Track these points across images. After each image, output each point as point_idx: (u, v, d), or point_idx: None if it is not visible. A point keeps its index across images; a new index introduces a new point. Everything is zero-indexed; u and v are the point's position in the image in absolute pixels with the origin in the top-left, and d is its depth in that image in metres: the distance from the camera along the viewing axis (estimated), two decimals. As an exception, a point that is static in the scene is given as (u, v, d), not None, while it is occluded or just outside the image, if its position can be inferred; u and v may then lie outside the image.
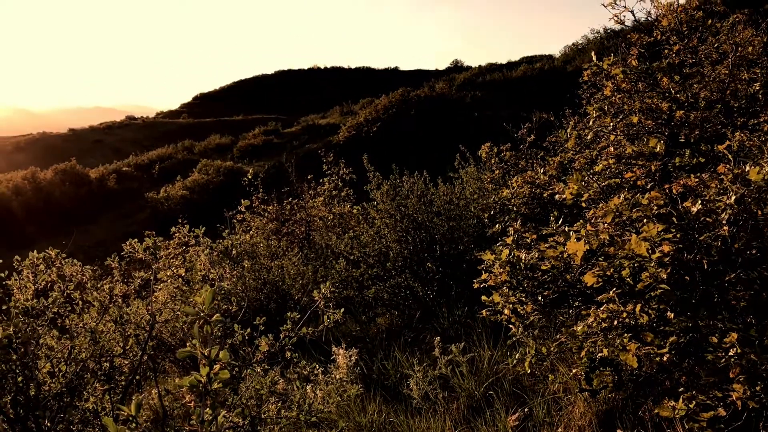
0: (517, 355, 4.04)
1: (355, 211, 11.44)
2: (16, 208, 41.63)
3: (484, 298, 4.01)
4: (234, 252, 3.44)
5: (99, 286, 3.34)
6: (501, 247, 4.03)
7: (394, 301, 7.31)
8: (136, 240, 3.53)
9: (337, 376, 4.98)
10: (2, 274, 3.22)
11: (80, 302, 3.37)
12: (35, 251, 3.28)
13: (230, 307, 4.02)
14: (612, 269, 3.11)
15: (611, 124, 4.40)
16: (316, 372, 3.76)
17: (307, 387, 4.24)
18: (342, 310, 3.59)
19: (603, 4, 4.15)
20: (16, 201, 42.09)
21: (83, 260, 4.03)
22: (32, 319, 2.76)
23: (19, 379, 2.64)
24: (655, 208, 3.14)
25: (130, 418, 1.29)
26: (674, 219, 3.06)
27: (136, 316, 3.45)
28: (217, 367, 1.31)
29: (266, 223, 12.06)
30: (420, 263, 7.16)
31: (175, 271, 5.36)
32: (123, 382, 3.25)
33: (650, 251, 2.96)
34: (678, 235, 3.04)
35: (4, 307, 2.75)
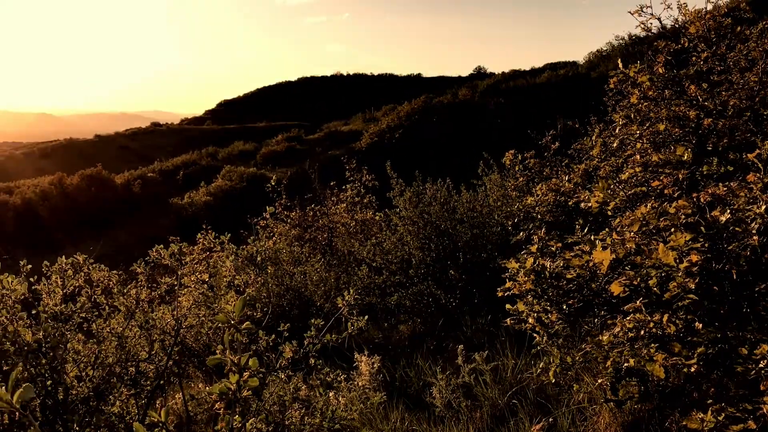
0: (541, 364, 4.00)
1: (377, 217, 11.44)
2: (43, 213, 42.25)
3: (508, 306, 3.98)
4: (259, 258, 3.46)
5: (125, 291, 3.37)
6: (525, 256, 4.01)
7: (417, 309, 7.29)
8: (162, 246, 3.56)
9: (360, 383, 4.98)
10: (32, 279, 3.26)
11: (107, 307, 3.40)
12: (63, 256, 3.32)
13: (254, 313, 4.03)
14: (639, 278, 3.08)
15: (638, 131, 4.36)
16: (339, 379, 3.76)
17: (330, 394, 4.24)
18: (366, 317, 3.59)
19: (630, 12, 4.13)
20: (43, 206, 42.73)
21: (108, 265, 4.07)
22: (61, 324, 2.80)
23: (48, 382, 2.67)
24: (683, 217, 3.10)
25: (160, 424, 1.30)
26: (702, 228, 3.02)
27: (162, 321, 3.47)
28: (246, 374, 1.32)
29: (289, 230, 12.10)
30: (443, 271, 7.13)
31: (198, 276, 5.39)
32: (148, 387, 3.28)
33: (678, 261, 2.92)
34: (706, 245, 3.00)
35: (33, 312, 2.79)
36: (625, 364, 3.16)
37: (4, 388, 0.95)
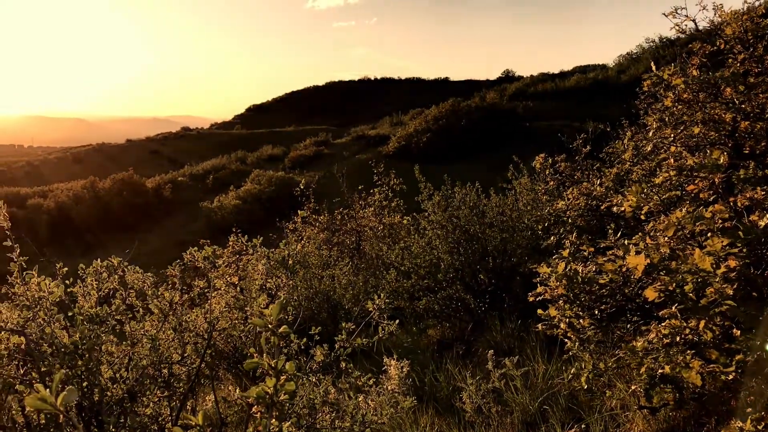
0: (573, 369, 3.96)
1: (405, 221, 11.43)
2: (75, 216, 43.02)
3: (540, 311, 3.95)
4: (290, 262, 3.48)
5: (159, 293, 3.41)
6: (557, 260, 3.97)
7: (445, 313, 7.27)
8: (195, 249, 3.60)
9: (389, 387, 4.97)
10: (67, 281, 3.31)
11: (140, 309, 3.44)
12: (98, 259, 3.37)
13: (286, 317, 4.05)
14: (674, 284, 3.03)
15: (672, 135, 4.30)
16: (369, 383, 3.76)
17: (359, 397, 4.24)
18: (397, 321, 3.59)
19: (664, 14, 4.07)
20: (76, 210, 43.50)
21: (139, 268, 4.12)
22: (96, 326, 2.84)
23: (84, 384, 2.71)
24: (720, 221, 3.05)
25: (197, 427, 1.30)
26: (740, 233, 2.97)
27: (195, 324, 3.51)
28: (283, 378, 1.32)
29: (317, 233, 12.15)
30: (472, 275, 7.10)
31: (228, 279, 5.44)
32: (181, 389, 3.31)
33: (715, 266, 2.87)
34: (744, 250, 2.94)
35: (69, 314, 2.83)
36: (660, 371, 3.11)
37: (48, 390, 0.96)
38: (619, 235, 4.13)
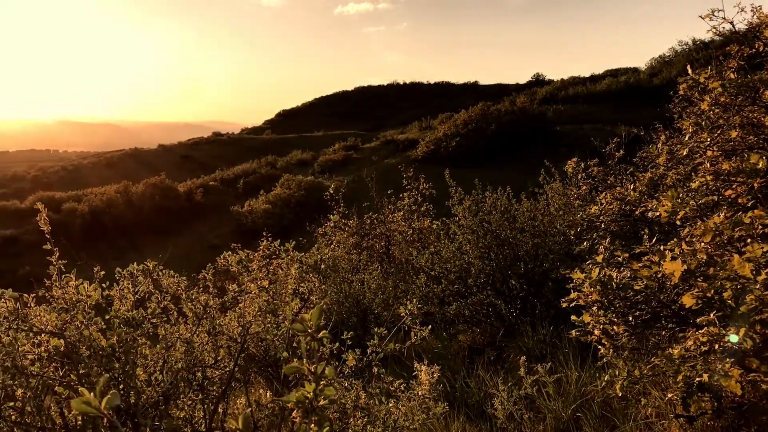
0: (606, 376, 3.91)
1: (434, 226, 11.40)
2: (108, 220, 43.75)
3: (573, 317, 3.91)
4: (323, 266, 3.49)
5: (194, 297, 3.45)
6: (591, 266, 3.93)
7: (476, 319, 7.23)
8: (229, 253, 3.63)
9: (420, 393, 4.96)
10: (103, 285, 3.36)
11: (175, 313, 3.48)
12: (135, 263, 3.42)
13: (319, 321, 4.07)
14: (712, 290, 2.98)
15: (708, 139, 4.23)
16: (401, 388, 3.75)
17: (390, 402, 4.23)
18: (429, 327, 3.58)
19: (701, 16, 4.01)
20: (109, 214, 44.23)
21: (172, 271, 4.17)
22: (132, 329, 2.88)
23: (120, 386, 2.75)
24: (760, 227, 2.99)
25: (237, 431, 1.31)
26: (781, 239, 2.91)
27: (228, 327, 3.54)
28: (322, 383, 1.32)
29: (347, 238, 12.17)
30: (503, 280, 7.06)
31: (259, 283, 5.47)
32: (215, 392, 3.34)
33: (755, 272, 2.81)
34: (785, 256, 2.88)
35: (106, 317, 2.87)
36: (698, 379, 3.06)
37: (92, 394, 0.98)
38: (654, 240, 4.08)
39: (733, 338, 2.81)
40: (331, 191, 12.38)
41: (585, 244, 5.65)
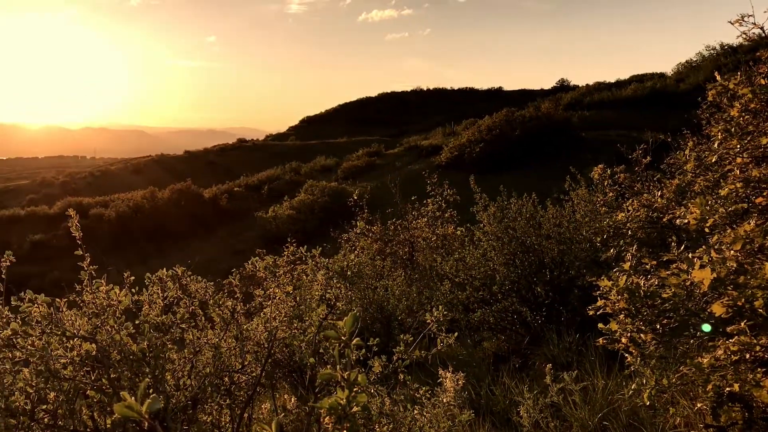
0: (634, 385, 3.88)
1: (458, 232, 11.37)
2: (135, 225, 44.26)
3: (600, 325, 3.88)
4: (349, 273, 3.51)
5: (221, 303, 3.48)
6: (618, 273, 3.90)
7: (501, 326, 7.20)
8: (256, 258, 3.67)
9: (445, 400, 4.95)
10: (133, 290, 3.41)
11: (203, 318, 3.52)
12: (164, 269, 3.46)
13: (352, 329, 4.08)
14: (743, 299, 2.94)
15: (738, 146, 4.18)
16: (426, 395, 3.75)
17: (415, 409, 4.23)
18: (456, 334, 3.58)
19: (730, 22, 3.97)
20: (136, 219, 44.75)
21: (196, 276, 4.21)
22: (161, 334, 2.92)
23: (150, 391, 2.79)
24: (791, 235, 2.95)
25: (269, 436, 1.33)
26: (813, 247, 2.87)
27: (255, 333, 3.57)
28: (355, 390, 1.33)
29: (371, 244, 12.18)
30: (528, 287, 7.02)
31: (285, 289, 5.50)
32: (242, 397, 3.36)
33: (787, 281, 2.78)
34: (818, 265, 2.84)
35: (136, 322, 2.92)
36: (728, 389, 3.03)
37: (133, 398, 1.00)
38: (682, 248, 4.04)
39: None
40: (355, 197, 12.41)
41: (611, 251, 5.61)
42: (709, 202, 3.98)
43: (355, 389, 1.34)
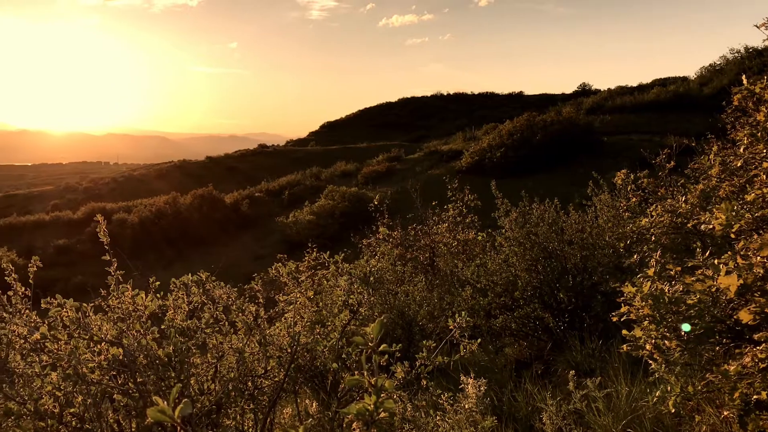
0: (658, 392, 3.84)
1: (479, 238, 11.32)
2: (157, 230, 44.69)
3: (624, 332, 3.85)
4: (372, 279, 3.52)
5: (244, 308, 3.51)
6: (642, 279, 3.86)
7: (523, 332, 7.16)
8: (279, 264, 3.69)
9: (467, 406, 4.93)
10: (158, 295, 3.44)
11: (226, 323, 3.55)
12: (190, 274, 3.50)
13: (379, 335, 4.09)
14: (770, 306, 2.91)
15: (764, 150, 4.13)
16: (449, 401, 3.75)
17: (437, 415, 4.22)
18: (479, 340, 3.57)
19: (756, 25, 3.94)
20: (158, 224, 45.18)
21: (217, 281, 4.24)
22: (187, 339, 2.95)
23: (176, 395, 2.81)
24: (820, 241, 2.91)
25: (297, 441, 1.34)
26: (843, 253, 2.82)
27: (279, 338, 3.59)
28: (383, 396, 1.34)
29: (391, 249, 12.16)
30: (551, 293, 6.98)
31: (305, 294, 5.52)
32: (265, 402, 3.38)
33: (815, 288, 2.74)
34: None
35: (162, 327, 2.95)
36: (755, 396, 2.99)
37: (165, 402, 1.02)
38: (707, 254, 3.99)
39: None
40: (376, 202, 12.40)
41: (635, 257, 5.56)
42: (735, 208, 3.94)
43: (382, 395, 1.35)
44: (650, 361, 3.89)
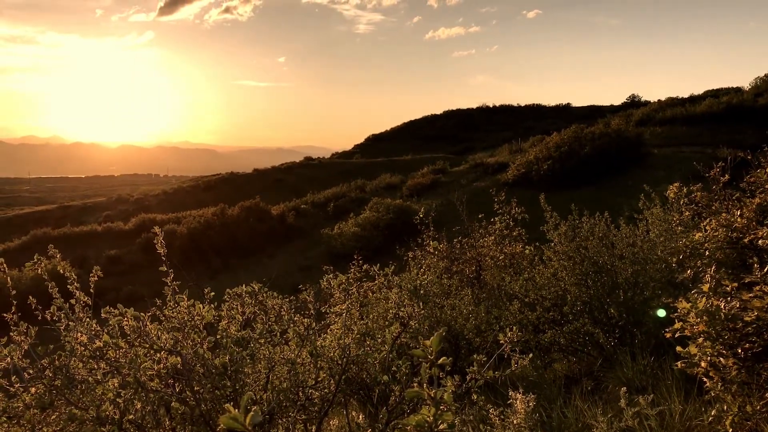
0: (714, 411, 3.76)
1: (527, 251, 11.22)
2: (205, 241, 45.46)
3: (678, 348, 3.78)
4: (422, 291, 3.54)
5: (296, 319, 3.56)
6: (697, 295, 3.80)
7: (572, 347, 7.07)
8: (331, 275, 3.75)
9: (515, 422, 4.89)
10: (212, 305, 3.52)
11: (278, 334, 3.61)
12: (243, 285, 3.57)
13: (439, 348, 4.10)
14: (833, 325, 2.83)
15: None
16: (499, 416, 3.73)
17: (486, 430, 4.20)
18: (530, 355, 3.55)
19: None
20: (206, 235, 45.98)
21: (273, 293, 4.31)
22: (241, 348, 3.01)
23: (232, 404, 2.87)
24: None
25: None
26: None
27: (329, 350, 3.64)
28: (442, 408, 1.36)
29: (437, 262, 12.14)
30: (601, 308, 6.88)
31: (355, 306, 5.57)
32: (315, 412, 3.43)
33: None
34: None
35: (218, 336, 3.02)
36: (818, 418, 2.90)
37: (236, 410, 1.06)
38: (765, 270, 3.90)
39: None
40: (421, 215, 12.40)
41: (688, 272, 5.45)
42: (795, 223, 3.85)
43: (441, 407, 1.37)
44: (705, 379, 3.82)
